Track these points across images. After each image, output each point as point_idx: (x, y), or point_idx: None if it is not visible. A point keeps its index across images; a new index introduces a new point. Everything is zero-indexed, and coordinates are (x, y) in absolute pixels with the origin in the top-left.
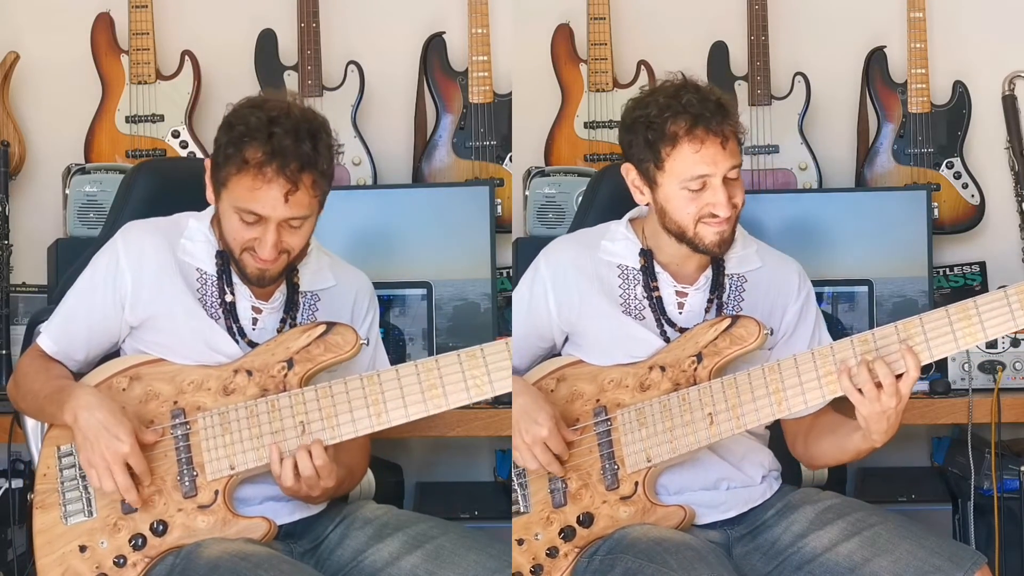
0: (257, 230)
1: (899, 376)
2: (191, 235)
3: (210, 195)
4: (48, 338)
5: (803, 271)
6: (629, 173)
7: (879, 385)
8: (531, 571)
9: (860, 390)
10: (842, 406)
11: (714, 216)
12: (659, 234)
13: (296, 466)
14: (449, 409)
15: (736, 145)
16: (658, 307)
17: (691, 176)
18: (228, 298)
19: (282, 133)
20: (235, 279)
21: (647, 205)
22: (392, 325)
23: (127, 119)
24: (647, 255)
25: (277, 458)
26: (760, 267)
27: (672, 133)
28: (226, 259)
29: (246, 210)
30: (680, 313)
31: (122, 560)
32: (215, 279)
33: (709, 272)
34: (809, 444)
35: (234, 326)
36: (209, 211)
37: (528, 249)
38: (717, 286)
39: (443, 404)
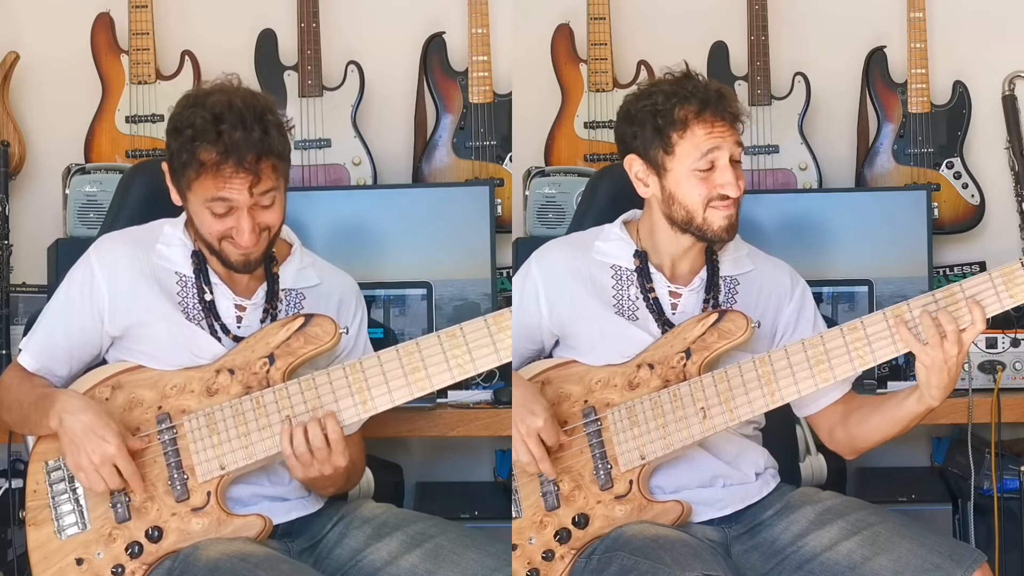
0: (231, 220)
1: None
2: (167, 240)
3: (175, 197)
4: (28, 356)
5: (794, 271)
6: (633, 164)
7: (943, 336)
8: (527, 575)
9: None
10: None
11: (723, 198)
12: (655, 233)
13: (307, 435)
14: (433, 390)
15: (739, 128)
16: (655, 307)
17: (701, 153)
18: (207, 297)
19: (230, 128)
20: (213, 278)
21: (650, 197)
22: (392, 325)
23: (127, 119)
24: (642, 256)
25: (288, 434)
26: (752, 270)
27: (682, 117)
28: (202, 259)
29: (216, 199)
30: (674, 313)
31: (120, 569)
32: (194, 280)
33: (703, 273)
34: (851, 428)
35: (216, 324)
36: (183, 216)
37: (528, 249)
38: (713, 286)
39: (427, 386)
